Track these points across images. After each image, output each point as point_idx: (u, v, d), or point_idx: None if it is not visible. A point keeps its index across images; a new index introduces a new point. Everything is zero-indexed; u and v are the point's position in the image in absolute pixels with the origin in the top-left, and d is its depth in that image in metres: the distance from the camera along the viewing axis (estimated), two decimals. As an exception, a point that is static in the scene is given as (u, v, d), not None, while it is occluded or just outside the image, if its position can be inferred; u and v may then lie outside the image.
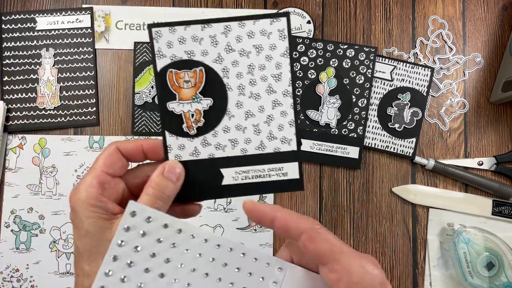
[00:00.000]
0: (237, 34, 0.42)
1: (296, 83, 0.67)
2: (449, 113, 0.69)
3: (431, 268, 0.66)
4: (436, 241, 0.66)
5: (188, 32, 0.41)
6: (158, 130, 0.68)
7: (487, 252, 0.63)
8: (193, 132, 0.43)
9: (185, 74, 0.42)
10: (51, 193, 0.67)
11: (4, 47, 0.69)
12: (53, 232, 0.67)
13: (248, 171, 0.44)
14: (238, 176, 0.44)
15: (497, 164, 0.67)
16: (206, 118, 0.43)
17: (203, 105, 0.43)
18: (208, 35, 0.41)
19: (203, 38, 0.41)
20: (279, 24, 0.42)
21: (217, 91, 0.43)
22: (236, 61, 0.42)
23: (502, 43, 0.69)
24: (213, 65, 0.42)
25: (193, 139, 0.43)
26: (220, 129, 0.44)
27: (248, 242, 0.66)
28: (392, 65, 0.68)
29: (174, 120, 0.42)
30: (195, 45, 0.41)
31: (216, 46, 0.42)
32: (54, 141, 0.68)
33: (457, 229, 0.64)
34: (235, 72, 0.43)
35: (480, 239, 0.63)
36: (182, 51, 0.41)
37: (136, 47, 0.68)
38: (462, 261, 0.63)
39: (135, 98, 0.68)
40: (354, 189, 0.68)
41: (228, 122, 0.44)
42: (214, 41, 0.42)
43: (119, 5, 0.70)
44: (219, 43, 0.42)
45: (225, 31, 0.42)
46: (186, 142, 0.43)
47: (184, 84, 0.42)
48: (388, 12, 0.70)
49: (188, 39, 0.41)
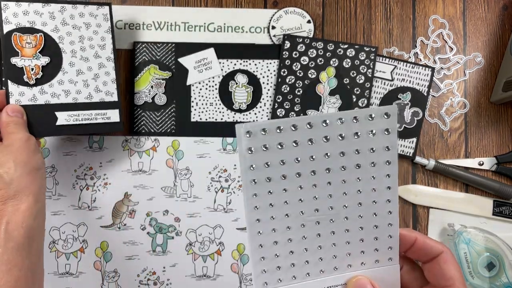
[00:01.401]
0: (70, 13, 0.60)
1: (295, 81, 0.67)
2: (449, 113, 0.69)
3: None
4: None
5: (31, 7, 0.58)
6: (158, 130, 0.68)
7: (487, 252, 0.63)
8: (32, 82, 0.58)
9: (27, 37, 0.58)
10: (51, 193, 0.67)
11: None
12: (52, 232, 0.67)
13: (79, 115, 0.60)
14: (70, 118, 0.60)
15: (498, 164, 0.67)
16: (44, 72, 0.59)
17: (42, 62, 0.59)
18: (47, 11, 0.59)
19: (43, 13, 0.59)
20: (103, 10, 0.62)
21: (54, 53, 0.60)
22: (69, 32, 0.60)
23: (503, 43, 0.69)
24: (51, 33, 0.59)
25: (31, 88, 0.59)
26: (55, 82, 0.60)
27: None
28: (392, 65, 0.68)
29: (16, 72, 0.58)
30: (36, 17, 0.59)
31: (54, 20, 0.60)
32: (53, 141, 0.68)
33: (457, 230, 0.64)
34: (69, 40, 0.60)
35: (480, 239, 0.64)
36: (26, 21, 0.58)
37: (136, 46, 0.68)
38: (463, 261, 0.63)
39: (134, 98, 0.68)
40: (355, 189, 0.68)
41: (63, 77, 0.60)
42: (52, 16, 0.59)
43: (119, 5, 0.70)
44: (56, 18, 0.60)
45: (62, 10, 0.60)
46: (25, 90, 0.58)
47: (26, 45, 0.58)
48: (389, 12, 0.70)
49: (31, 12, 0.58)
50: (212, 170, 0.68)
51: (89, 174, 0.67)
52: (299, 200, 0.32)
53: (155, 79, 0.68)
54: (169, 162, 0.68)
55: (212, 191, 0.67)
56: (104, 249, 0.67)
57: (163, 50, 0.68)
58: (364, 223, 0.34)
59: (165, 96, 0.68)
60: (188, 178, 0.67)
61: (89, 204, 0.67)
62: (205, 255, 0.67)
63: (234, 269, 0.67)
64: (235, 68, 0.68)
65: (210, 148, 0.68)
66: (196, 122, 0.67)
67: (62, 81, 0.60)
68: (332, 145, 0.31)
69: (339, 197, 0.33)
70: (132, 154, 0.68)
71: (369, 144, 0.31)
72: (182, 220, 0.67)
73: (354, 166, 0.32)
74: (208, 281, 0.66)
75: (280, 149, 0.30)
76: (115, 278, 0.66)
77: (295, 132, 0.30)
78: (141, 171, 0.68)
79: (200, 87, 0.68)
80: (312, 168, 0.31)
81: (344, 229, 0.34)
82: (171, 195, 0.67)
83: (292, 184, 0.31)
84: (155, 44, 0.68)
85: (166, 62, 0.68)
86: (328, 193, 0.33)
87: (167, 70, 0.68)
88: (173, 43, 0.68)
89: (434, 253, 0.35)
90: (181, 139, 0.68)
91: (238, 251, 0.67)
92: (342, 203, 0.33)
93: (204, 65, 0.67)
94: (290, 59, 0.67)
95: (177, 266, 0.67)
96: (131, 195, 0.67)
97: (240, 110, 0.68)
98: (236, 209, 0.67)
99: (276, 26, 0.69)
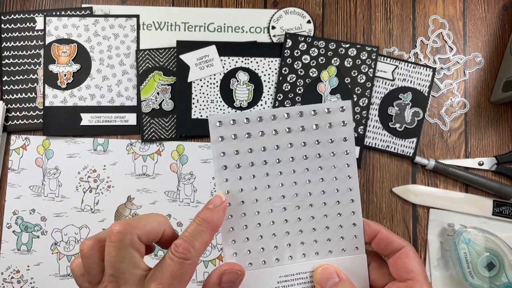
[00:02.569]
0: (102, 25, 0.68)
1: (296, 79, 0.67)
2: (449, 113, 0.69)
3: (431, 268, 0.66)
4: (437, 242, 0.67)
5: (70, 21, 0.68)
6: (168, 136, 0.67)
7: (487, 252, 0.63)
8: (64, 86, 0.68)
9: (63, 47, 0.68)
10: (54, 194, 0.67)
11: (3, 47, 0.68)
12: (54, 234, 0.67)
13: (100, 117, 0.68)
14: (92, 119, 0.67)
15: (498, 164, 0.67)
16: (74, 78, 0.68)
17: (73, 69, 0.68)
18: (83, 24, 0.69)
19: (79, 26, 0.68)
20: (131, 21, 0.69)
21: (84, 60, 0.68)
22: (100, 42, 0.69)
23: (503, 43, 0.69)
24: (84, 43, 0.68)
25: (63, 91, 0.68)
26: (84, 86, 0.68)
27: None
28: (393, 65, 0.68)
29: (52, 77, 0.68)
30: (73, 30, 0.68)
31: (87, 31, 0.68)
32: (57, 142, 0.68)
33: (457, 229, 0.64)
34: (98, 49, 0.69)
35: (480, 239, 0.64)
36: (64, 33, 0.68)
37: (138, 54, 0.68)
38: (463, 261, 0.63)
39: (142, 105, 0.68)
40: (355, 189, 0.68)
41: (90, 82, 0.68)
42: (87, 28, 0.68)
43: (119, 5, 0.70)
44: (90, 30, 0.68)
45: (95, 23, 0.69)
46: (58, 93, 0.68)
47: (62, 53, 0.68)
48: (389, 12, 0.70)
49: (69, 25, 0.68)
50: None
51: (93, 176, 0.67)
52: (267, 186, 0.35)
53: (160, 85, 0.68)
54: (173, 166, 0.67)
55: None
56: (105, 250, 0.66)
57: (166, 55, 0.68)
58: (328, 210, 0.36)
59: (172, 102, 0.68)
60: (191, 183, 0.67)
61: (92, 207, 0.67)
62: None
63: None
64: (237, 66, 0.68)
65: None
66: (196, 119, 0.67)
67: (89, 86, 0.68)
68: (294, 135, 0.34)
69: (303, 185, 0.36)
70: (137, 157, 0.68)
71: (328, 135, 0.35)
72: (184, 225, 0.67)
73: (316, 155, 0.35)
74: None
75: (248, 138, 0.34)
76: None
77: (260, 123, 0.34)
78: (144, 174, 0.67)
79: (201, 84, 0.68)
80: (277, 157, 0.35)
81: (310, 215, 0.36)
82: (174, 200, 0.67)
83: (259, 170, 0.35)
84: (157, 50, 0.68)
85: (170, 67, 0.68)
86: (293, 180, 0.35)
87: (171, 75, 0.68)
88: (175, 48, 0.68)
89: (396, 247, 0.35)
90: (185, 144, 0.68)
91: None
92: (307, 190, 0.36)
93: (205, 62, 0.67)
94: (291, 58, 0.67)
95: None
96: (134, 198, 0.67)
97: (241, 107, 0.68)
98: None
99: (276, 26, 0.69)
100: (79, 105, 0.67)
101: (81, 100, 0.68)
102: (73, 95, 0.67)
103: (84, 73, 0.68)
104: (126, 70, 0.68)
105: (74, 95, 0.68)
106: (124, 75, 0.68)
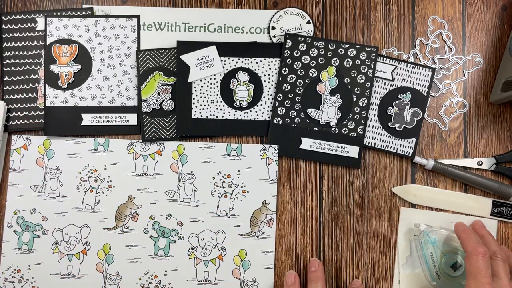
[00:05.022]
0: (103, 25, 0.69)
1: (296, 80, 0.67)
2: (448, 113, 0.69)
3: (400, 266, 0.66)
4: (406, 240, 0.67)
5: (70, 22, 0.68)
6: (169, 136, 0.68)
7: (453, 252, 0.63)
8: (65, 87, 0.68)
9: (64, 47, 0.68)
10: (55, 194, 0.67)
11: (4, 47, 0.69)
12: (55, 233, 0.67)
13: (101, 117, 0.68)
14: (93, 119, 0.68)
15: (497, 164, 0.67)
16: (75, 78, 0.68)
17: (74, 69, 0.68)
18: (84, 24, 0.68)
19: (80, 26, 0.68)
20: (132, 22, 0.69)
21: (85, 61, 0.69)
22: (100, 42, 0.69)
23: (502, 43, 0.69)
24: (85, 44, 0.69)
25: (64, 91, 0.68)
26: (84, 86, 0.68)
27: (251, 248, 0.67)
28: (393, 65, 0.68)
29: (53, 77, 0.68)
30: (74, 30, 0.68)
31: (88, 32, 0.68)
32: (58, 142, 0.68)
33: (423, 230, 0.64)
34: (99, 50, 0.69)
35: (446, 239, 0.64)
36: (65, 33, 0.68)
37: (138, 55, 0.68)
38: (429, 261, 0.63)
39: (142, 105, 0.68)
40: (354, 189, 0.68)
41: (91, 82, 0.68)
42: (87, 28, 0.68)
43: (119, 5, 0.70)
44: (90, 30, 0.68)
45: (95, 23, 0.69)
46: (59, 93, 0.68)
47: (63, 54, 0.68)
48: (388, 12, 0.70)
49: (70, 26, 0.68)
50: (216, 175, 0.68)
51: (94, 176, 0.67)
52: None
53: (161, 85, 0.68)
54: (173, 166, 0.68)
55: (215, 196, 0.67)
56: (106, 251, 0.67)
57: (166, 56, 0.68)
58: None
59: (172, 102, 0.68)
60: (192, 182, 0.68)
61: (93, 206, 0.67)
62: (207, 260, 0.67)
63: (235, 275, 0.66)
64: (237, 66, 0.68)
65: (215, 153, 0.68)
66: (197, 119, 0.68)
67: (90, 86, 0.68)
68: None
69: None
70: (137, 157, 0.68)
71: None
72: (184, 225, 0.67)
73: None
74: (209, 286, 0.66)
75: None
76: (116, 280, 0.66)
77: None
78: (145, 174, 0.68)
79: (201, 85, 0.68)
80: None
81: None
82: (175, 199, 0.67)
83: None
84: (158, 50, 0.68)
85: (170, 67, 0.68)
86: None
87: (172, 75, 0.68)
88: (176, 48, 0.68)
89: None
90: (186, 144, 0.68)
91: (240, 256, 0.67)
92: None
93: (205, 63, 0.68)
94: (291, 58, 0.67)
95: (178, 270, 0.67)
96: (135, 198, 0.67)
97: (241, 107, 0.68)
98: (238, 214, 0.67)
99: (276, 27, 0.70)
100: (80, 105, 0.68)
101: (82, 100, 0.68)
102: (74, 95, 0.68)
103: (85, 73, 0.68)
104: (127, 71, 0.69)
105: (75, 95, 0.68)
106: (125, 75, 0.69)
